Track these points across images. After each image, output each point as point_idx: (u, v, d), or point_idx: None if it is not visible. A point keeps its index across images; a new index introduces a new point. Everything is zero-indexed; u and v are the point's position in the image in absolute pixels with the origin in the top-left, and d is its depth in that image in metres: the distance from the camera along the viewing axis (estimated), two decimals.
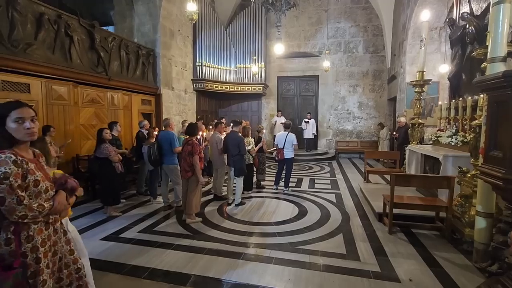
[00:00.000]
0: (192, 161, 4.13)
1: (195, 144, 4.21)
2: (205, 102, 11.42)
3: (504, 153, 2.09)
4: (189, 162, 4.18)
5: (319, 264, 3.03)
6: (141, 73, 7.55)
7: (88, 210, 4.75)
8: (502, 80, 2.03)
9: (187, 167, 4.23)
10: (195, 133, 4.41)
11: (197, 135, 4.48)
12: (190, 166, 4.20)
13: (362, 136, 11.94)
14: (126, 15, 8.24)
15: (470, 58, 4.60)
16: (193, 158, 4.12)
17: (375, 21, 11.23)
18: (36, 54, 4.80)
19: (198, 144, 4.34)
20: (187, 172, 4.23)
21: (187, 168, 4.23)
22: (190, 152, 4.16)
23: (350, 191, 6.17)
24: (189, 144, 4.21)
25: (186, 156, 4.21)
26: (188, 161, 4.19)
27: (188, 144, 4.22)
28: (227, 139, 5.11)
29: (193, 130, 4.37)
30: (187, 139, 4.33)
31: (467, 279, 2.73)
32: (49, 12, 5.01)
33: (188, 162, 4.20)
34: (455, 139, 4.55)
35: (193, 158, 4.13)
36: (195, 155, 4.13)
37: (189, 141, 4.27)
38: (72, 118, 5.64)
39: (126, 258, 3.17)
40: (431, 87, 6.78)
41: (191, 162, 4.15)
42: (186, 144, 4.26)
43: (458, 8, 5.74)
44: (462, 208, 3.60)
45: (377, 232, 3.89)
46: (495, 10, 2.66)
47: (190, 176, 4.22)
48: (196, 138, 4.45)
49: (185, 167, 4.25)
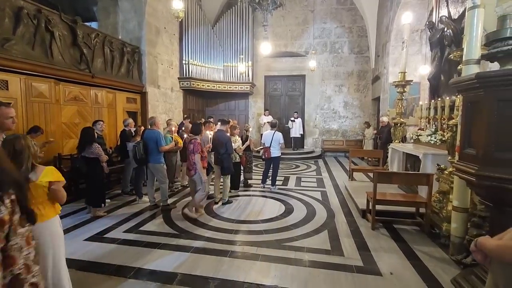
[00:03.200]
0: (195, 159, 4.23)
1: (196, 143, 4.26)
2: (192, 101, 11.32)
3: (477, 151, 2.21)
4: (192, 161, 4.26)
5: (304, 260, 3.10)
6: (126, 71, 7.41)
7: (72, 210, 4.64)
8: (475, 81, 2.13)
9: (190, 166, 4.29)
10: (200, 132, 4.50)
11: (201, 134, 4.57)
12: (192, 164, 4.27)
13: (348, 135, 12.18)
14: (110, 11, 8.05)
15: (448, 60, 4.79)
16: (195, 156, 4.22)
17: (359, 22, 11.47)
18: (15, 49, 4.63)
19: (200, 143, 4.39)
20: (190, 170, 4.29)
21: (190, 167, 4.29)
22: (192, 150, 4.24)
23: (335, 189, 6.30)
24: (191, 143, 4.27)
25: (189, 154, 4.27)
26: (191, 159, 4.26)
27: (191, 143, 4.28)
28: (214, 138, 5.11)
29: (197, 129, 4.46)
30: (190, 138, 4.37)
31: (444, 271, 2.87)
32: (28, 6, 4.84)
33: (191, 161, 4.26)
34: (434, 137, 4.74)
35: (194, 156, 4.21)
36: (196, 154, 4.22)
37: (192, 140, 4.31)
38: (53, 116, 5.47)
39: (111, 258, 3.12)
40: (413, 87, 7.02)
41: (194, 161, 4.24)
42: (189, 143, 4.30)
43: (437, 11, 5.96)
44: (440, 204, 3.76)
45: (360, 228, 4.01)
46: (470, 15, 2.78)
47: (194, 175, 4.28)
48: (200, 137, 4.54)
49: (189, 166, 4.32)
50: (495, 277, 1.34)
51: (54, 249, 2.01)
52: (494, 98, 2.06)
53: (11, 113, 2.49)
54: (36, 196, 1.90)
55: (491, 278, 1.38)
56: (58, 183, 2.01)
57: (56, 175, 2.00)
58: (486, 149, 2.11)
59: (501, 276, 1.30)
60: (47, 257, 1.96)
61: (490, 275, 1.39)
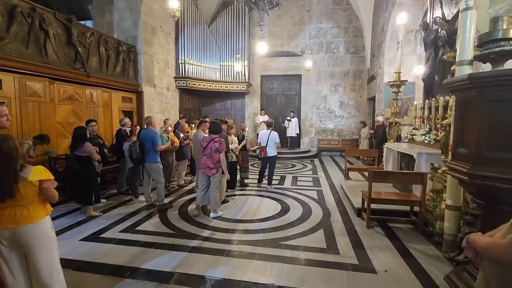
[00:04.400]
0: (219, 157, 4.26)
1: (222, 142, 4.30)
2: (188, 100, 11.29)
3: (469, 150, 2.25)
4: (215, 159, 4.26)
5: (300, 259, 3.12)
6: (122, 70, 7.36)
7: (67, 211, 4.61)
8: (468, 82, 2.17)
9: (211, 164, 4.29)
10: (220, 131, 4.54)
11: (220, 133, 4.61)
12: (215, 163, 4.27)
13: (343, 135, 12.25)
14: (105, 9, 7.99)
15: (442, 60, 4.85)
16: (220, 155, 4.25)
17: (355, 22, 11.53)
18: (8, 48, 4.57)
19: (224, 142, 4.44)
20: (212, 169, 4.29)
21: (211, 166, 4.29)
22: (218, 149, 4.24)
23: (331, 188, 6.34)
24: (216, 142, 4.27)
25: (212, 153, 4.27)
26: (214, 158, 4.26)
27: (215, 142, 4.27)
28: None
29: (217, 128, 4.50)
30: (212, 137, 4.37)
31: (437, 268, 2.91)
32: (22, 4, 4.78)
33: (214, 159, 4.27)
34: (428, 137, 4.80)
35: (219, 154, 4.25)
36: (222, 152, 4.26)
37: (214, 138, 4.32)
38: (48, 115, 5.42)
39: (107, 258, 3.12)
40: (408, 87, 7.09)
41: (217, 159, 4.25)
42: (212, 142, 4.29)
43: (431, 12, 6.02)
44: (434, 202, 3.82)
45: (356, 227, 4.05)
46: (463, 16, 2.82)
47: (215, 173, 4.29)
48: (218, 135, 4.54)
49: (209, 164, 4.31)
50: (486, 274, 1.37)
51: (46, 252, 1.95)
52: (486, 98, 2.10)
53: (4, 111, 2.47)
54: (25, 196, 1.87)
55: (482, 275, 1.41)
56: (48, 182, 1.97)
57: (45, 174, 1.96)
58: (478, 149, 2.15)
59: (491, 273, 1.33)
60: (39, 259, 1.91)
61: (481, 271, 1.42)
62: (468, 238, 1.39)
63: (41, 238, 1.92)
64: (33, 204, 1.92)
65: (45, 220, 1.99)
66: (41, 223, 1.95)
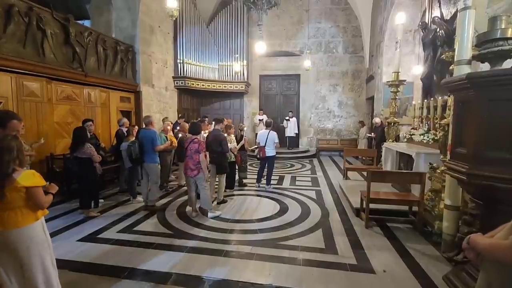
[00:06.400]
0: (199, 158, 4.22)
1: (201, 142, 4.27)
2: (186, 100, 11.27)
3: (468, 150, 2.24)
4: (195, 160, 4.24)
5: (299, 259, 3.11)
6: (120, 70, 7.34)
7: (65, 211, 4.58)
8: (466, 81, 2.17)
9: (192, 166, 4.26)
10: (199, 131, 4.50)
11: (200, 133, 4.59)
12: (195, 164, 4.24)
13: (342, 134, 12.26)
14: (103, 9, 7.96)
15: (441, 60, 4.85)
16: (200, 155, 4.22)
17: (354, 22, 11.54)
18: (5, 48, 4.55)
19: (203, 142, 4.40)
20: (193, 170, 4.26)
21: (193, 167, 4.26)
22: (197, 150, 4.22)
23: (330, 188, 6.34)
24: (195, 142, 4.25)
25: (192, 154, 4.24)
26: (195, 159, 4.24)
27: (194, 143, 4.25)
28: (209, 137, 5.09)
29: (197, 129, 4.47)
30: (192, 138, 4.34)
31: (436, 268, 2.91)
32: (19, 4, 4.76)
33: (194, 160, 4.24)
34: (427, 137, 4.79)
35: (199, 155, 4.22)
36: (201, 153, 4.23)
37: (194, 139, 4.29)
38: (45, 115, 5.40)
39: (104, 258, 3.10)
40: (406, 87, 7.08)
41: (198, 160, 4.22)
42: (192, 143, 4.27)
43: (430, 12, 6.02)
44: (432, 202, 3.81)
45: (354, 227, 4.04)
46: (462, 16, 2.82)
47: (197, 174, 4.26)
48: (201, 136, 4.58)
49: (190, 165, 4.28)
50: (489, 276, 1.33)
51: (35, 256, 1.89)
52: (485, 98, 2.09)
53: (17, 126, 2.45)
54: (11, 200, 1.81)
55: (484, 277, 1.36)
56: (36, 188, 1.88)
57: (33, 180, 1.88)
58: (476, 148, 2.15)
59: (495, 275, 1.28)
60: (28, 263, 1.86)
61: (483, 273, 1.38)
62: (469, 239, 1.36)
63: (29, 243, 1.87)
64: (21, 209, 1.86)
65: (34, 225, 1.91)
66: (28, 229, 1.88)
